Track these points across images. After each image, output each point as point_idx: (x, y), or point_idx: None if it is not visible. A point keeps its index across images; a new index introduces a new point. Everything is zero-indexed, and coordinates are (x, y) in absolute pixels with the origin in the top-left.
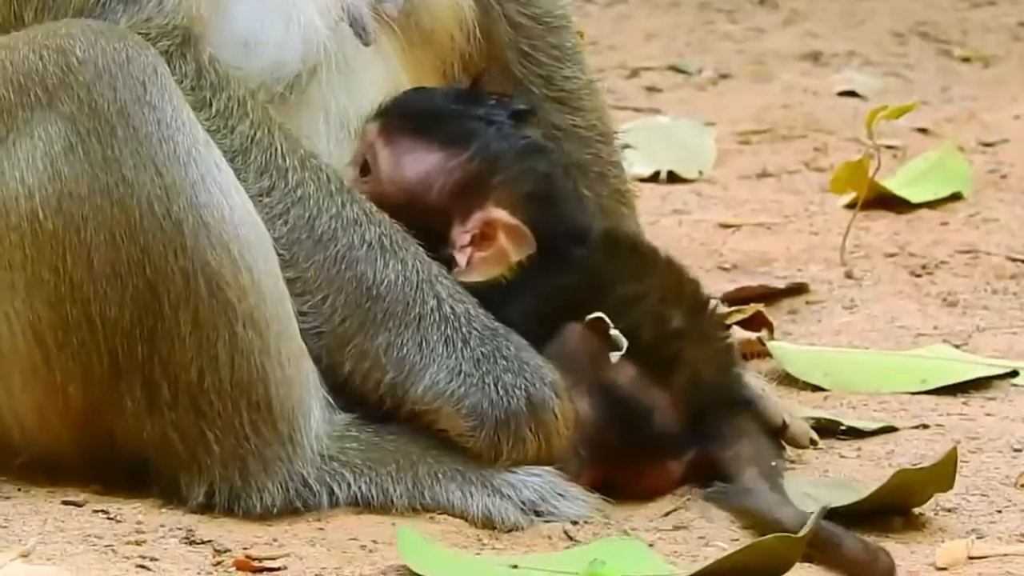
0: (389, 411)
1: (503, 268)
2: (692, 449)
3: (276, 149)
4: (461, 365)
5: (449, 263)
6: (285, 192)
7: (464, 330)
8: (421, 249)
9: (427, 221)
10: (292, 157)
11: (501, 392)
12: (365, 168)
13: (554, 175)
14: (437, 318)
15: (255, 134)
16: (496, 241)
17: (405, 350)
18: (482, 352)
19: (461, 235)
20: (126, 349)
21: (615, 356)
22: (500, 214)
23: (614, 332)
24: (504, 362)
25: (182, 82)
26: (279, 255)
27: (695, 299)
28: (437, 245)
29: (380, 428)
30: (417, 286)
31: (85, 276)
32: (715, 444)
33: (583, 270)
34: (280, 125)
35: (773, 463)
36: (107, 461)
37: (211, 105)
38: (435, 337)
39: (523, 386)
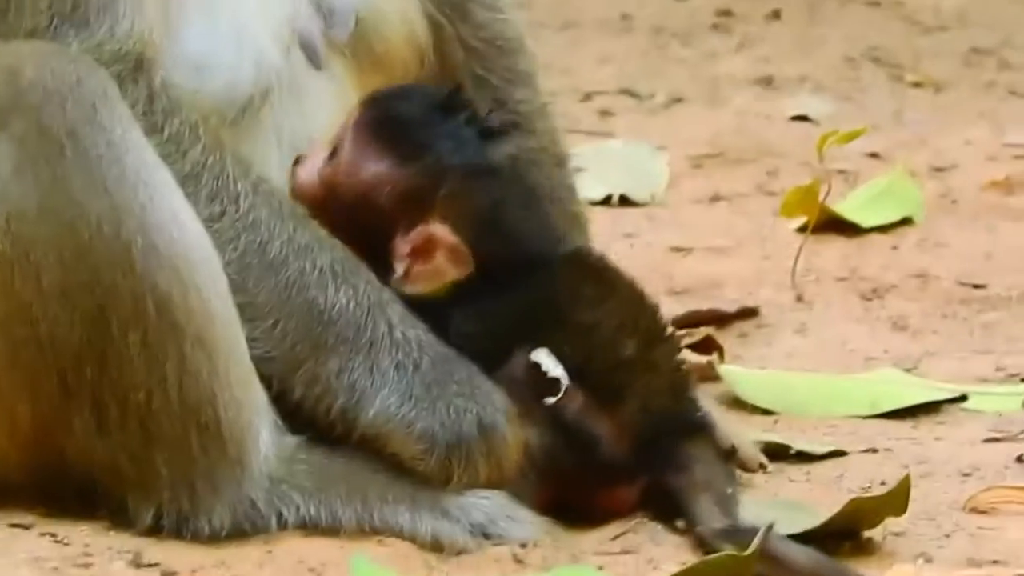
0: (340, 436)
1: (439, 284)
2: (644, 476)
3: (227, 174)
4: (412, 389)
5: (388, 270)
6: (236, 217)
7: (415, 355)
8: (372, 275)
9: (373, 224)
10: (244, 182)
11: (452, 416)
12: (335, 153)
13: (508, 199)
14: (388, 343)
15: (206, 159)
16: (435, 257)
17: (356, 375)
18: (433, 377)
19: (403, 244)
20: (75, 370)
21: (550, 400)
22: (441, 231)
23: (554, 374)
24: (455, 387)
25: (134, 107)
26: (230, 279)
27: (651, 327)
28: (379, 250)
29: (330, 450)
30: (368, 311)
31: (34, 297)
32: (669, 471)
33: (539, 293)
34: (232, 151)
35: (728, 490)
36: (56, 483)
37: (163, 130)
38: (386, 362)
39: (474, 410)
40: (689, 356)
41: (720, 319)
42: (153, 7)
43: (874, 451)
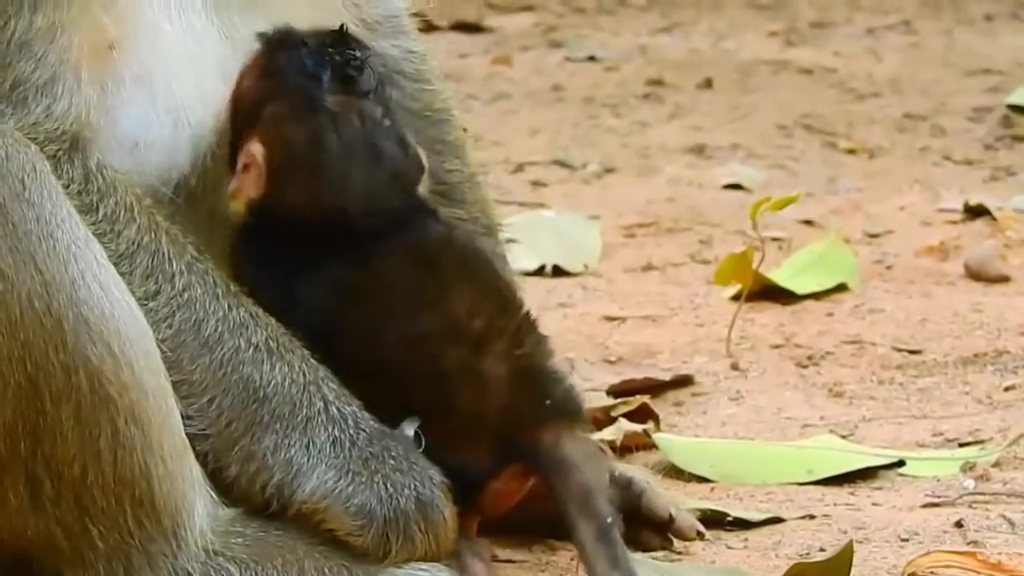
0: (275, 512)
1: (241, 204)
2: (507, 464)
3: (163, 253)
4: (349, 464)
5: None
6: (171, 296)
7: (351, 431)
8: (307, 352)
9: (233, 140)
10: (179, 261)
11: (390, 491)
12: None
13: (333, 149)
14: (324, 419)
15: (142, 239)
16: (249, 173)
17: (292, 451)
18: (370, 452)
19: (239, 160)
20: (8, 445)
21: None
22: (255, 147)
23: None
24: (393, 462)
25: (68, 186)
26: (164, 357)
27: (490, 323)
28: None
29: (266, 523)
30: (304, 388)
31: None
32: (536, 462)
33: (360, 281)
34: (167, 230)
35: (609, 519)
36: None
37: (98, 210)
38: (323, 438)
39: (412, 485)
40: (624, 424)
41: (655, 387)
42: (91, 87)
43: (811, 517)
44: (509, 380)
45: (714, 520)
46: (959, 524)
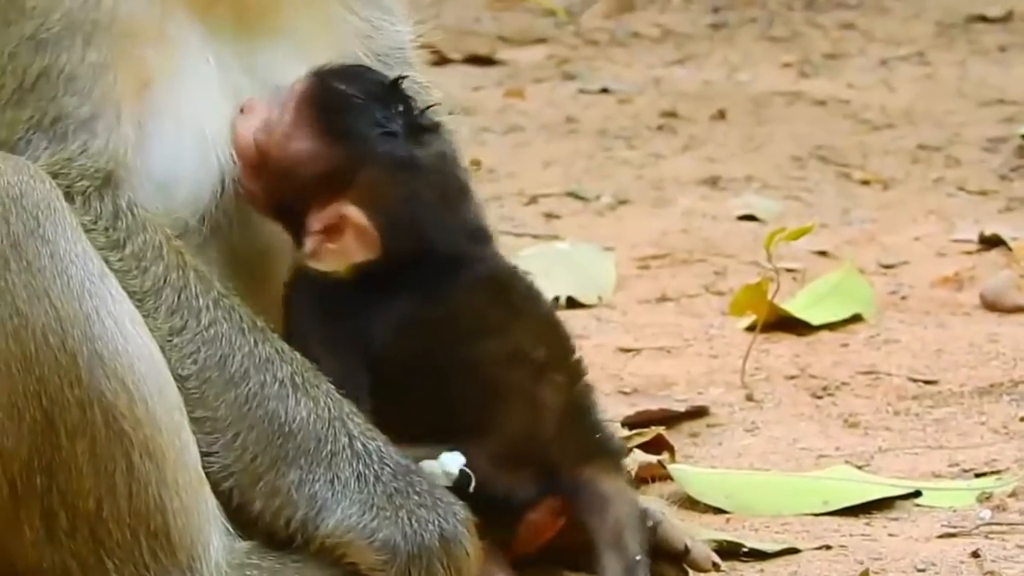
0: (297, 545)
1: (343, 264)
2: (547, 496)
3: (190, 290)
4: (374, 499)
5: (299, 244)
6: (197, 332)
7: (376, 466)
8: (332, 387)
9: (293, 196)
10: (205, 297)
11: (415, 526)
12: (272, 122)
13: (426, 196)
14: (349, 455)
15: (169, 275)
16: (343, 237)
17: (317, 486)
18: (395, 487)
19: (315, 221)
20: (24, 479)
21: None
22: (353, 212)
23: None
24: (417, 497)
25: (96, 222)
26: (190, 393)
27: (548, 355)
28: (296, 224)
29: (283, 556)
30: (329, 423)
31: None
32: (578, 502)
33: (437, 311)
34: (195, 267)
35: (637, 556)
36: None
37: (124, 247)
38: (347, 473)
39: (436, 521)
40: (639, 456)
41: (670, 419)
42: (129, 126)
43: (828, 548)
44: (563, 411)
45: (730, 551)
46: (976, 554)
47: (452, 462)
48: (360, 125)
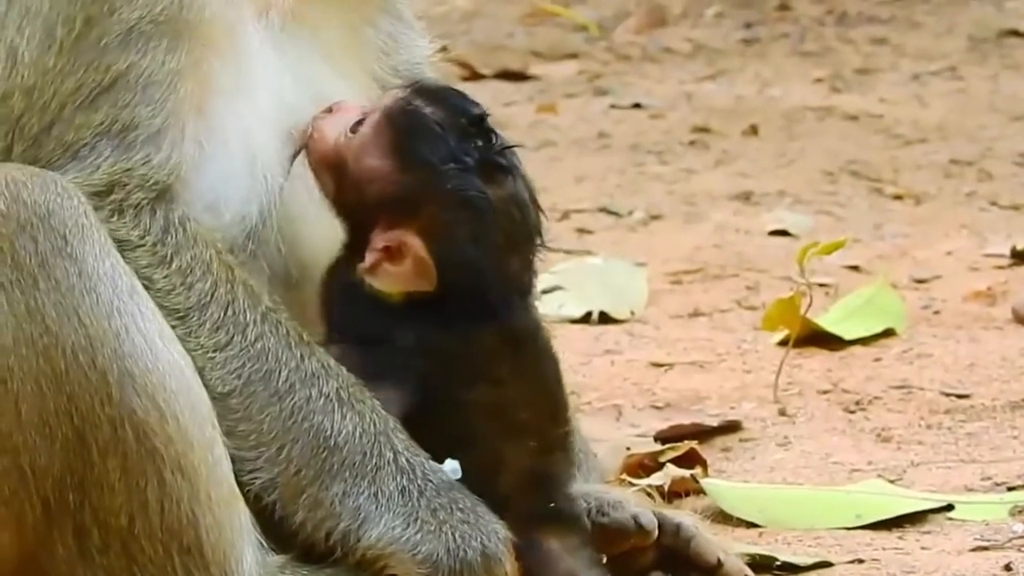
0: (337, 558)
1: (397, 290)
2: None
3: (237, 305)
4: (418, 513)
5: (359, 256)
6: (243, 347)
7: (420, 481)
8: (377, 402)
9: (360, 208)
10: (253, 312)
11: (458, 541)
12: (358, 124)
13: (489, 238)
14: (394, 469)
15: (216, 291)
16: (403, 263)
17: (361, 499)
18: (439, 503)
19: (379, 239)
20: (57, 496)
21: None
22: (416, 244)
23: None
24: (460, 513)
25: (143, 237)
26: (232, 408)
27: (537, 424)
28: (358, 234)
29: (315, 570)
30: (374, 438)
31: (14, 426)
32: (525, 552)
33: (464, 348)
34: (244, 281)
35: None
36: None
37: (171, 263)
38: (391, 487)
39: (479, 538)
40: (672, 470)
41: (703, 433)
42: (192, 142)
43: (860, 561)
44: (525, 475)
45: (763, 565)
46: (1008, 568)
47: (451, 469)
48: (433, 156)
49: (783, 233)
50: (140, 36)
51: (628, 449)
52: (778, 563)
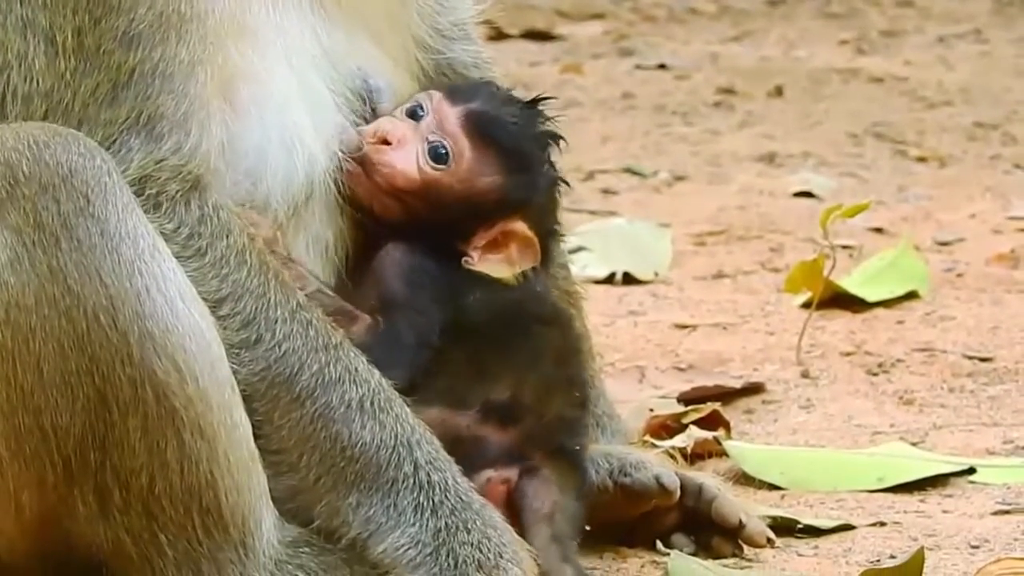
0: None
1: (509, 273)
2: (511, 467)
3: (268, 299)
4: (423, 534)
5: (457, 254)
6: (269, 346)
7: (436, 499)
8: (407, 410)
9: (464, 217)
10: (283, 308)
11: (451, 564)
12: (443, 158)
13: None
14: (412, 483)
15: (250, 282)
16: (508, 248)
17: (373, 511)
18: (446, 523)
19: (481, 238)
20: (78, 456)
21: None
22: (520, 226)
23: None
24: (466, 535)
25: (178, 229)
26: (255, 412)
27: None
28: (453, 237)
29: (330, 549)
30: (393, 450)
31: (36, 385)
32: (527, 473)
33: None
34: (277, 273)
35: (570, 538)
36: (62, 566)
37: (206, 254)
38: (406, 502)
39: (477, 562)
40: (695, 432)
41: (726, 395)
42: (220, 125)
43: (882, 524)
44: (557, 407)
45: (784, 527)
46: None
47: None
48: (533, 156)
49: (807, 195)
50: (142, 34)
51: (651, 411)
52: (800, 525)
